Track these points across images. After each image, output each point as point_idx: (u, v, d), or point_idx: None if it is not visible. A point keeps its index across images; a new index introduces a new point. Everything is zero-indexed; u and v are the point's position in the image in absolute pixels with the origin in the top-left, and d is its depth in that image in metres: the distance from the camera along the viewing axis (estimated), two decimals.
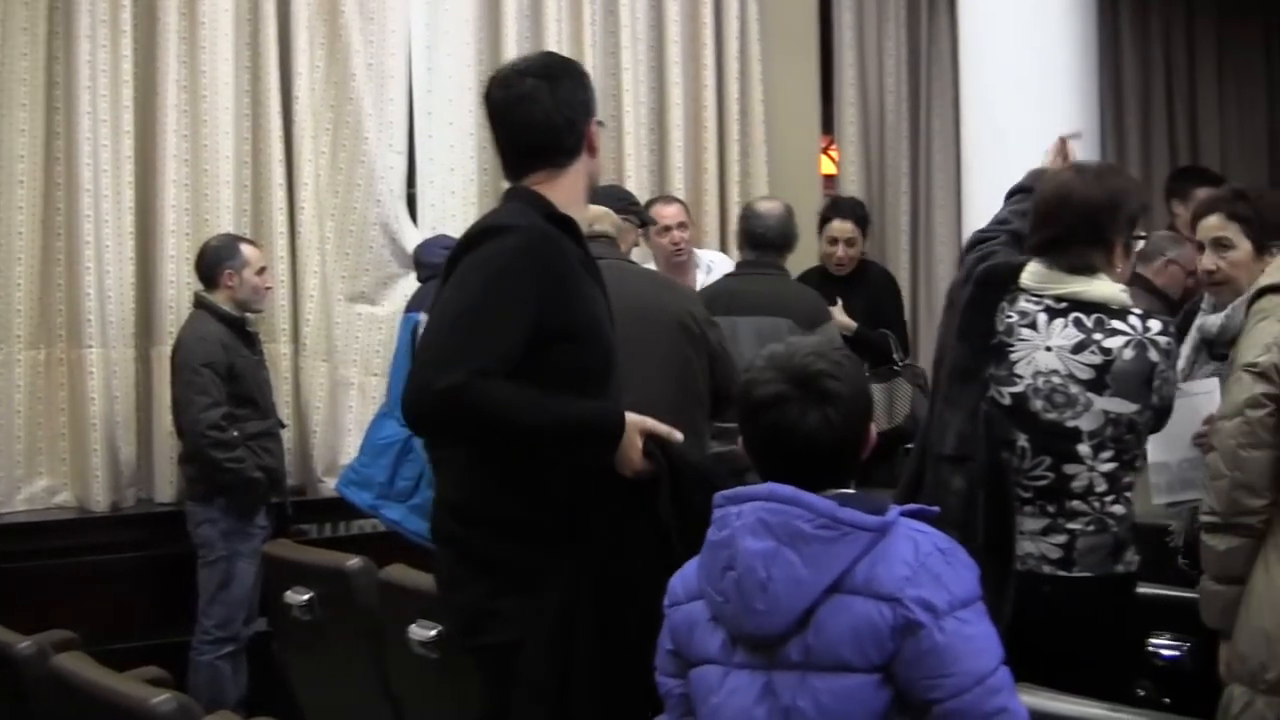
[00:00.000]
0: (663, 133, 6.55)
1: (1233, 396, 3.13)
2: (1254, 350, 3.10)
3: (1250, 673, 3.05)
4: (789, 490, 2.35)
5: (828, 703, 2.29)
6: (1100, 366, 3.34)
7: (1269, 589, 3.05)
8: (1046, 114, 5.97)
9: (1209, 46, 9.23)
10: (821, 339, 2.62)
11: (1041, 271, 3.41)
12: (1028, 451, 3.40)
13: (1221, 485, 3.11)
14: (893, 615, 2.28)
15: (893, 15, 7.59)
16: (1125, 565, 3.43)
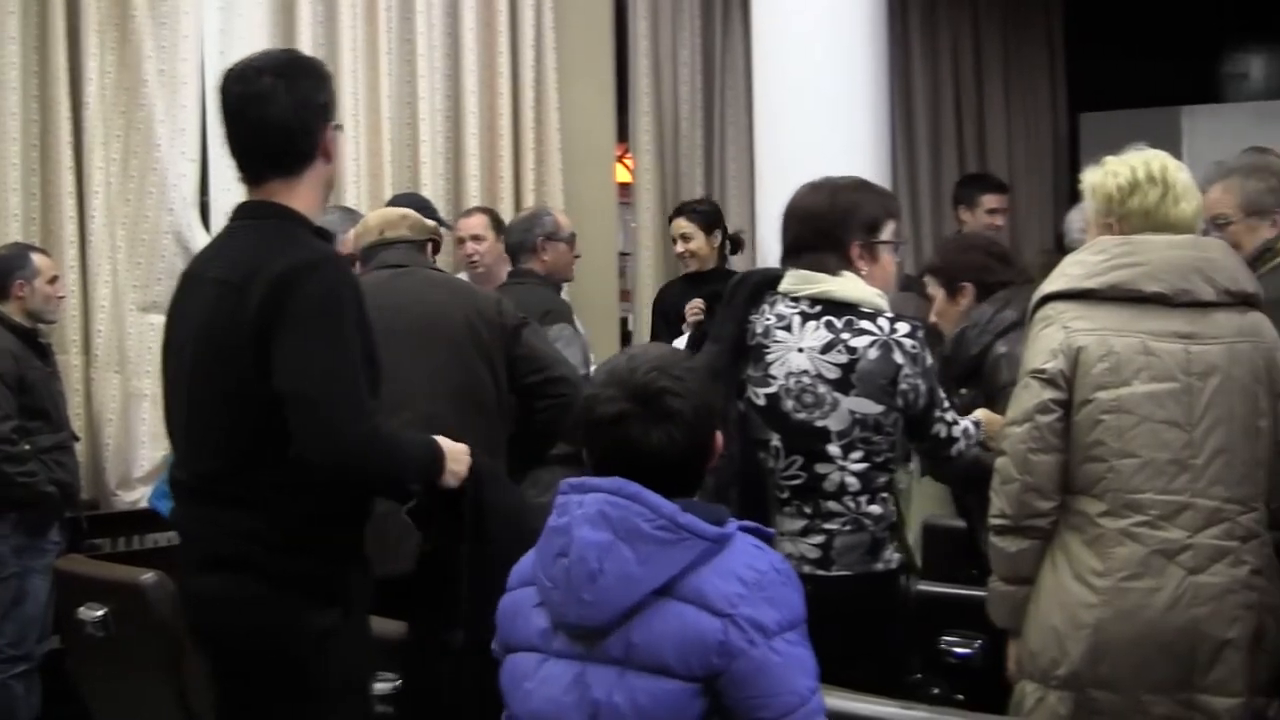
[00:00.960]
0: (458, 141, 6.72)
1: (1022, 402, 3.25)
2: (1040, 356, 3.24)
3: (1042, 669, 3.22)
4: (634, 487, 2.42)
5: (643, 703, 2.37)
6: (846, 366, 3.53)
7: (1057, 588, 3.22)
8: (838, 124, 6.44)
9: (995, 58, 9.80)
10: (666, 350, 2.72)
11: (796, 274, 3.62)
12: (781, 451, 3.59)
13: (1012, 489, 3.24)
14: (723, 631, 2.36)
15: (687, 25, 7.91)
16: (884, 563, 3.62)
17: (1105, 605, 3.16)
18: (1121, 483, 3.19)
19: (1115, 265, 3.23)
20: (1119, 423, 3.18)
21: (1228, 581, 3.16)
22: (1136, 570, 3.15)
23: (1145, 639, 3.15)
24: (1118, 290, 3.22)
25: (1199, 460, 3.18)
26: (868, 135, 6.64)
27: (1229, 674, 3.15)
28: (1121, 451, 3.18)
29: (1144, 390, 3.18)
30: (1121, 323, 3.22)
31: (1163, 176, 3.30)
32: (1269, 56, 10.30)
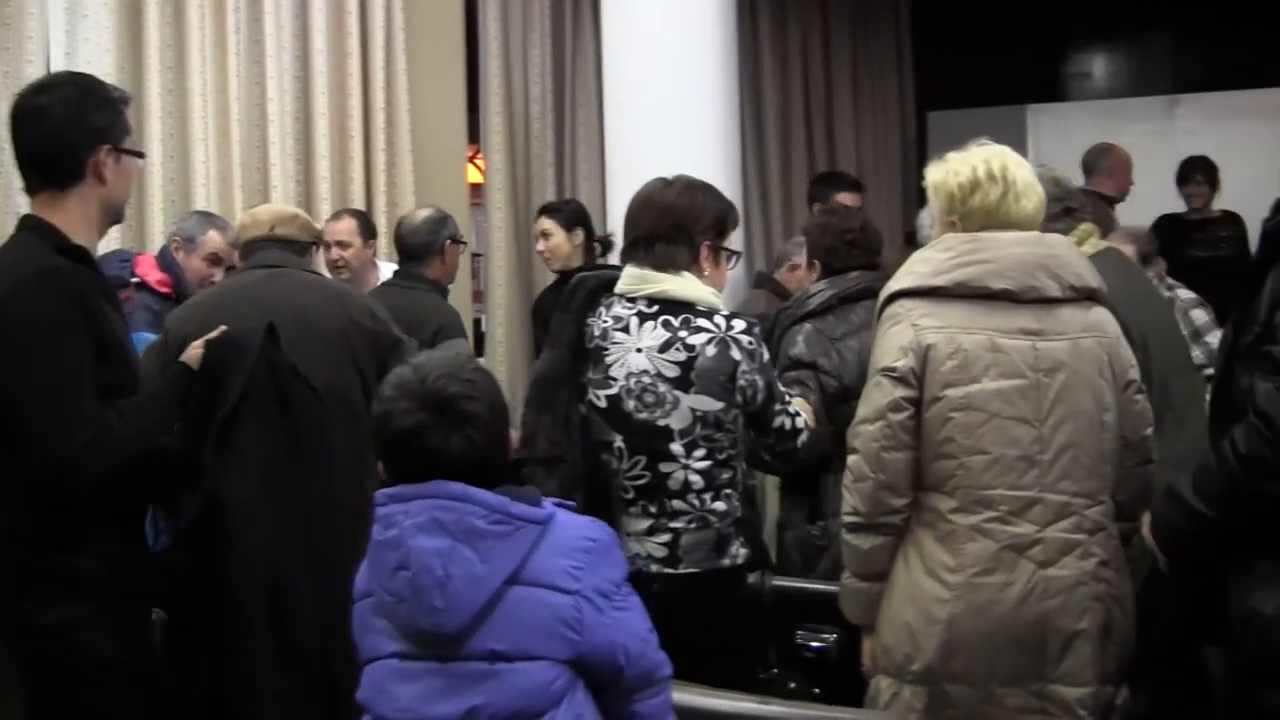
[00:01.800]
0: (308, 143, 6.72)
1: (873, 400, 3.36)
2: (890, 354, 3.35)
3: (896, 664, 3.37)
4: (459, 487, 2.58)
5: (511, 693, 2.56)
6: (684, 364, 3.63)
7: (911, 584, 3.35)
8: (689, 124, 6.61)
9: (844, 57, 10.05)
10: (449, 355, 2.85)
11: (635, 273, 3.72)
12: (624, 452, 3.69)
13: (865, 486, 3.35)
14: (575, 607, 2.60)
15: (538, 26, 8.01)
16: (731, 559, 3.74)
17: (958, 600, 3.30)
18: (972, 479, 3.31)
19: (962, 263, 3.35)
20: (968, 420, 3.30)
21: (1077, 574, 3.31)
22: (988, 565, 3.29)
23: (997, 633, 3.29)
24: (965, 288, 3.34)
25: (1047, 455, 3.31)
26: (718, 134, 6.82)
27: (1079, 664, 3.31)
28: (971, 448, 3.31)
29: (992, 387, 3.30)
30: (969, 320, 3.33)
31: (1003, 174, 3.41)
32: (1111, 56, 10.85)
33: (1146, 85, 10.67)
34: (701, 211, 3.75)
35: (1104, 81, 10.95)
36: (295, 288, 4.30)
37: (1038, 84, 10.68)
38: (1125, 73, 10.97)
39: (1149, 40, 10.77)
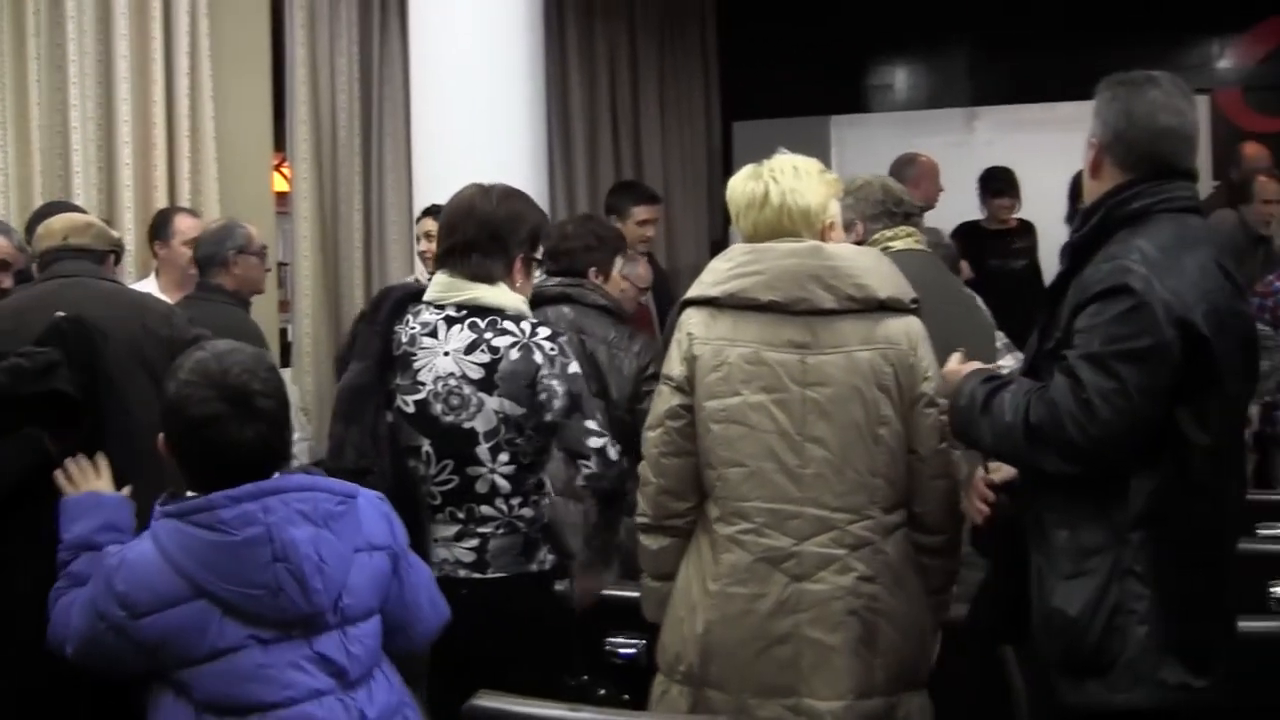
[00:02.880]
0: (111, 149, 6.67)
1: (656, 407, 3.47)
2: (670, 363, 3.45)
3: (669, 663, 3.48)
4: (304, 478, 2.95)
5: (365, 648, 2.96)
6: (489, 366, 3.72)
7: (686, 587, 3.45)
8: (495, 133, 6.75)
9: (651, 68, 10.26)
10: (250, 352, 3.01)
11: (445, 281, 3.81)
12: (432, 457, 3.78)
13: (649, 490, 3.47)
14: (390, 561, 3.06)
15: (345, 34, 8.05)
16: (539, 564, 3.85)
17: (713, 609, 3.39)
18: (729, 490, 3.38)
19: (737, 274, 3.40)
20: (727, 432, 3.37)
21: (832, 589, 3.34)
22: (741, 576, 3.37)
23: (749, 644, 3.36)
24: (737, 299, 3.39)
25: (808, 470, 3.35)
26: (525, 144, 6.95)
27: (833, 677, 3.34)
28: (730, 460, 3.37)
29: (753, 400, 3.35)
30: (739, 332, 3.38)
31: (780, 183, 3.45)
32: (912, 69, 11.22)
33: (946, 98, 11.03)
34: (519, 223, 3.85)
35: (905, 94, 11.31)
36: (88, 297, 4.25)
37: (841, 96, 10.99)
38: (926, 85, 11.34)
39: (948, 54, 11.15)
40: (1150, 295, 2.88)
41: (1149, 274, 2.91)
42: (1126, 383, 2.87)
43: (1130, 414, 2.89)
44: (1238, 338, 3.00)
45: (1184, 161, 3.12)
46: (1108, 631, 2.98)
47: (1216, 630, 3.07)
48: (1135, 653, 2.97)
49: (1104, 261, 3.00)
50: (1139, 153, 3.09)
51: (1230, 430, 3.07)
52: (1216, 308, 2.94)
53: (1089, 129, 3.17)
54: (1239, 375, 3.02)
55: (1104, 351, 2.90)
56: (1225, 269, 3.02)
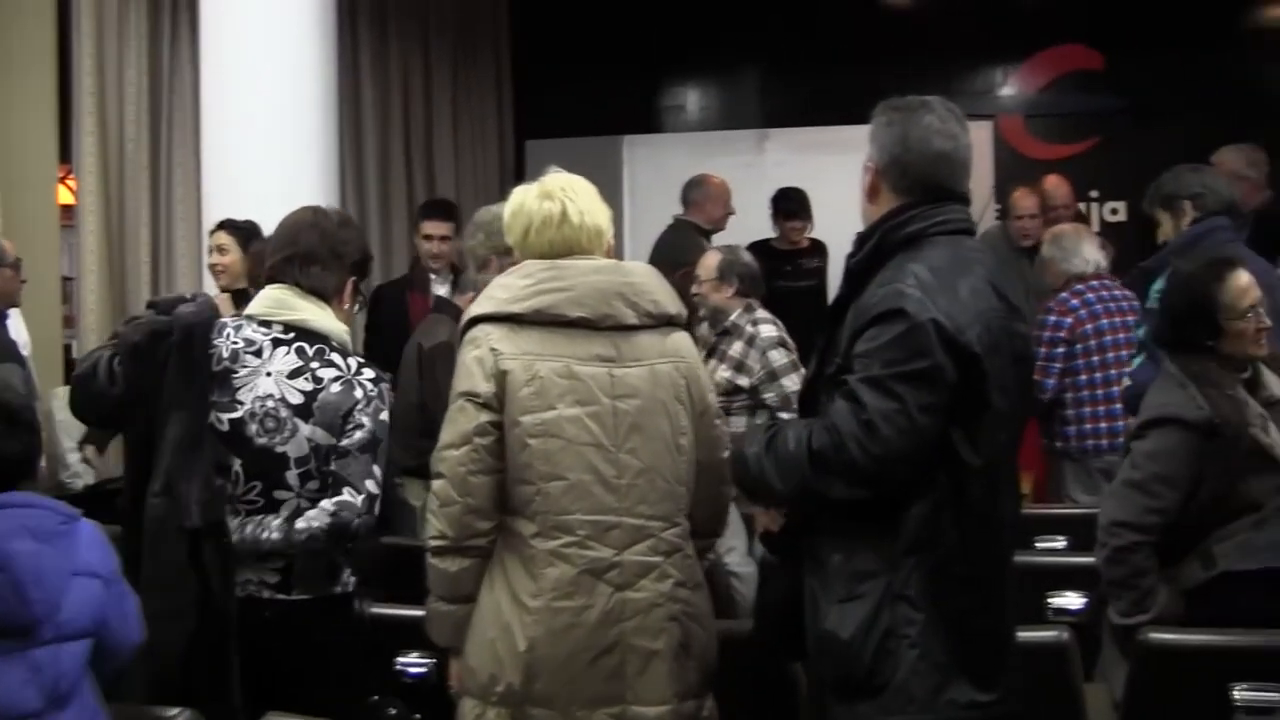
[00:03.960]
0: None
1: (459, 425, 3.40)
2: (472, 379, 3.40)
3: (481, 686, 3.42)
4: (23, 496, 3.12)
5: (74, 664, 3.09)
6: (310, 394, 3.76)
7: (495, 607, 3.41)
8: (286, 147, 6.79)
9: (445, 85, 10.36)
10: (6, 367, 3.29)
11: (276, 296, 3.84)
12: (241, 477, 3.76)
13: (453, 511, 3.39)
14: (106, 589, 3.21)
15: (133, 45, 7.96)
16: (342, 586, 3.89)
17: (538, 624, 3.36)
18: (550, 505, 3.38)
19: (540, 290, 3.43)
20: (546, 446, 3.37)
21: (653, 595, 3.42)
22: (567, 590, 3.37)
23: (577, 656, 3.37)
24: (543, 315, 3.41)
25: (624, 480, 3.41)
26: (316, 158, 7.00)
27: (657, 682, 3.41)
28: (549, 474, 3.38)
29: (569, 413, 3.39)
30: (546, 347, 3.41)
31: (563, 203, 3.52)
32: (704, 90, 11.42)
33: (738, 119, 11.26)
34: (355, 246, 3.94)
35: (697, 114, 11.51)
36: None
37: (634, 115, 11.17)
38: (718, 106, 11.55)
39: (740, 76, 11.39)
40: (923, 317, 2.96)
41: (923, 296, 2.98)
42: (907, 403, 2.95)
43: (913, 433, 2.97)
44: (1010, 356, 3.10)
45: (958, 185, 3.21)
46: (880, 654, 3.04)
47: (997, 646, 3.17)
48: (906, 675, 3.04)
49: (880, 286, 3.07)
50: (914, 177, 3.17)
51: (1003, 450, 3.15)
52: (989, 328, 3.04)
53: (866, 153, 3.27)
54: (1011, 394, 3.11)
55: (883, 374, 2.97)
56: (999, 289, 3.13)
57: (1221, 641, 3.79)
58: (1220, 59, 10.37)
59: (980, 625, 3.12)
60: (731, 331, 6.45)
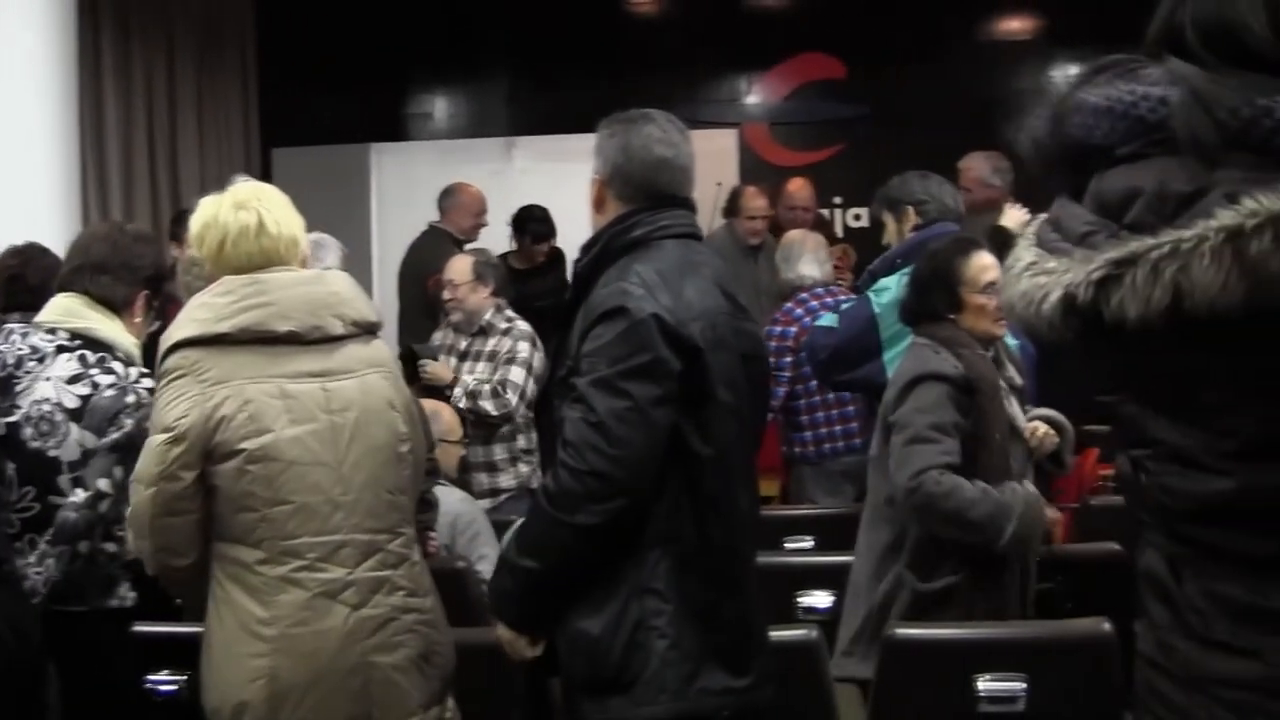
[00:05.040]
0: None
1: (150, 461, 3.28)
2: (173, 412, 3.26)
3: (214, 709, 3.37)
4: None
5: None
6: (85, 398, 3.79)
7: (228, 641, 3.33)
8: (28, 151, 6.64)
9: (189, 92, 10.19)
10: None
11: (64, 305, 3.87)
12: (15, 481, 3.79)
13: (145, 547, 3.35)
14: None
15: None
16: (119, 600, 3.90)
17: (277, 653, 3.28)
18: (276, 530, 3.30)
19: (245, 306, 3.30)
20: (267, 471, 3.28)
21: (388, 610, 3.39)
22: (303, 615, 3.30)
23: (321, 680, 3.31)
24: (250, 333, 3.29)
25: (350, 496, 3.35)
26: (57, 165, 6.86)
27: (402, 697, 3.41)
28: (273, 500, 3.29)
29: (289, 435, 3.29)
30: (257, 368, 3.29)
31: (259, 212, 3.39)
32: (451, 98, 11.44)
33: (485, 127, 11.29)
34: (150, 260, 3.98)
35: (445, 122, 11.51)
36: None
37: (381, 123, 11.13)
38: (465, 114, 11.56)
39: (487, 84, 11.40)
40: (644, 313, 3.03)
41: (645, 293, 3.06)
42: (637, 399, 3.00)
43: (647, 427, 3.01)
44: (738, 353, 3.19)
45: (680, 190, 3.30)
46: (629, 648, 3.07)
47: (747, 632, 3.22)
48: (657, 667, 3.07)
49: (604, 286, 3.14)
50: (636, 184, 3.26)
51: (734, 442, 3.19)
52: (714, 324, 3.12)
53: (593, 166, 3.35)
54: (740, 389, 3.18)
55: (610, 374, 3.01)
56: (725, 290, 3.23)
57: (964, 635, 3.90)
58: (958, 68, 10.75)
59: (728, 613, 3.17)
60: (487, 330, 6.56)
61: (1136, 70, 1.89)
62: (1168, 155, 1.81)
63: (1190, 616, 1.93)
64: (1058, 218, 1.95)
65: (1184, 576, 1.95)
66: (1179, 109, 1.79)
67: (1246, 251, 1.69)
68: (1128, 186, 1.85)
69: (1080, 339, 1.89)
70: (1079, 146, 1.91)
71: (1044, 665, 3.68)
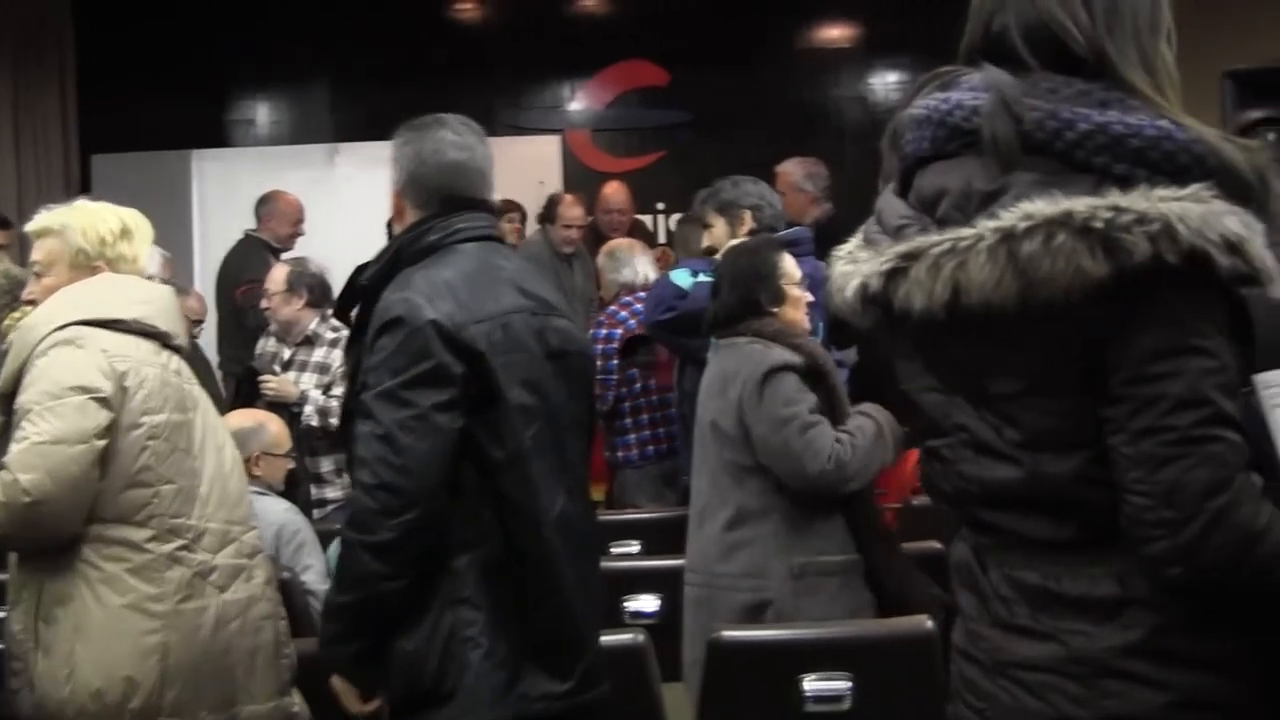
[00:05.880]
0: None
1: (76, 422, 3.29)
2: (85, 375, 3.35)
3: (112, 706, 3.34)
4: None
5: None
6: None
7: (111, 621, 3.35)
8: None
9: (5, 98, 10.05)
10: None
11: None
12: None
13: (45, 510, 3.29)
14: None
15: None
16: None
17: (168, 629, 3.38)
18: (165, 508, 3.42)
19: (133, 300, 3.53)
20: (159, 448, 3.43)
21: (246, 597, 3.52)
22: (187, 592, 3.41)
23: (203, 660, 3.42)
24: (140, 324, 3.51)
25: (206, 488, 3.52)
26: None
27: (263, 680, 3.53)
28: (164, 477, 3.43)
29: (175, 419, 3.49)
30: (145, 354, 3.49)
31: (122, 219, 3.68)
32: (273, 105, 11.34)
33: (308, 133, 11.18)
34: None
35: (267, 129, 11.38)
36: None
37: (203, 129, 10.97)
38: (288, 120, 11.44)
39: (309, 90, 11.32)
40: (422, 320, 2.99)
41: (421, 301, 3.02)
42: (420, 406, 2.97)
43: (433, 434, 2.97)
44: (540, 353, 3.15)
45: (478, 192, 3.28)
46: (445, 660, 3.04)
47: (566, 635, 3.17)
48: (473, 677, 3.04)
49: (385, 298, 3.11)
50: (431, 190, 3.23)
51: (536, 443, 3.12)
52: (506, 325, 3.09)
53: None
54: (545, 387, 3.15)
55: (393, 385, 2.98)
56: (526, 289, 3.19)
57: (789, 636, 3.93)
58: (778, 76, 10.89)
59: (544, 617, 3.12)
60: (313, 340, 6.55)
61: (958, 79, 2.03)
62: (976, 156, 1.96)
63: (995, 605, 2.04)
64: (879, 210, 2.09)
65: (988, 565, 2.07)
66: (986, 115, 1.93)
67: (1019, 252, 1.83)
68: (938, 185, 2.00)
69: (880, 327, 2.05)
70: (915, 160, 2.06)
71: (868, 664, 3.73)
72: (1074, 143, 1.88)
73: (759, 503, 4.29)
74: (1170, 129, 1.88)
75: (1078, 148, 1.88)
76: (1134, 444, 1.86)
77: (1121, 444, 1.88)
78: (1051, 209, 1.83)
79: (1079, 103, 1.90)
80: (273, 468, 5.23)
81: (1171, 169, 1.85)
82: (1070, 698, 1.95)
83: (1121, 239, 1.79)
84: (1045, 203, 1.84)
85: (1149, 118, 1.89)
